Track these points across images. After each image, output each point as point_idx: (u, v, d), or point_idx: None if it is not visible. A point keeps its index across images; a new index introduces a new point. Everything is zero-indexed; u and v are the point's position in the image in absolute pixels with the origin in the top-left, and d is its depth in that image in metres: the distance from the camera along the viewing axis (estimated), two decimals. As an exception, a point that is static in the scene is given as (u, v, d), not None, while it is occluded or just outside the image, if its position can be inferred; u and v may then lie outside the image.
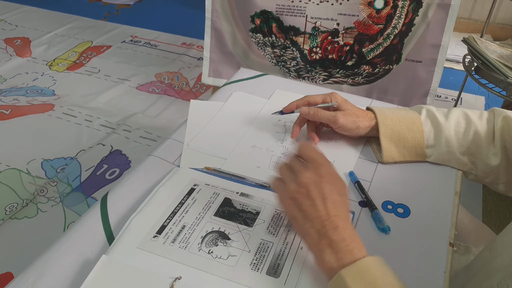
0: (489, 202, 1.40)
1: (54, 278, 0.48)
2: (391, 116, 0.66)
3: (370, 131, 0.67)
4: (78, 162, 1.53)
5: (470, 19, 2.47)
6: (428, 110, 0.66)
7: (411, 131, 0.64)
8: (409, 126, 0.64)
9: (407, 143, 0.64)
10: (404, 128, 0.64)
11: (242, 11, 1.35)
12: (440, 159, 0.65)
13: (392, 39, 1.27)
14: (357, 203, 0.59)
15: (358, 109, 0.67)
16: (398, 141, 0.65)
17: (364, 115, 0.66)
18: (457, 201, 0.60)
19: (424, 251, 0.53)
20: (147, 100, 1.91)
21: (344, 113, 0.65)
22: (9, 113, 1.78)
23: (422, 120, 0.65)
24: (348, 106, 0.67)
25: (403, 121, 0.65)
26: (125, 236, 0.52)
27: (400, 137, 0.64)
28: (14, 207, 1.34)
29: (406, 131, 0.64)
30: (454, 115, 0.65)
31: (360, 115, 0.66)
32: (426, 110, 0.66)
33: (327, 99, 0.67)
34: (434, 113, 0.65)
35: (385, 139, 0.65)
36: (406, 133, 0.64)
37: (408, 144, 0.64)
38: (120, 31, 2.54)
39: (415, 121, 0.65)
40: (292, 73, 1.40)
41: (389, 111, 0.67)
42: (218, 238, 0.53)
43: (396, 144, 0.65)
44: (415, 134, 0.64)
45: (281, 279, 0.48)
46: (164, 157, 0.67)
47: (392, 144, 0.65)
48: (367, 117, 0.66)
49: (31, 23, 2.60)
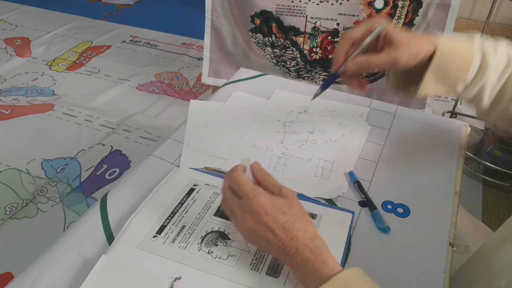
0: (489, 202, 1.40)
1: (54, 278, 0.48)
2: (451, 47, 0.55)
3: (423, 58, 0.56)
4: (78, 162, 1.53)
5: (470, 19, 2.47)
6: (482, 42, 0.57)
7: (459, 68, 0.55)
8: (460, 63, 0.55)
9: (448, 77, 0.56)
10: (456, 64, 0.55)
11: (242, 11, 1.35)
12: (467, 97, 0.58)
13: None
14: (357, 203, 0.59)
15: (412, 34, 0.55)
16: (441, 73, 0.55)
17: (423, 43, 0.55)
18: (457, 201, 0.60)
19: (424, 251, 0.53)
20: (147, 100, 1.91)
21: (403, 48, 0.53)
22: (9, 113, 1.78)
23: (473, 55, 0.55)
24: (400, 34, 0.54)
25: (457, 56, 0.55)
26: (125, 236, 0.52)
27: (446, 68, 0.55)
28: (14, 207, 1.34)
29: (456, 66, 0.55)
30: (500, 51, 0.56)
31: (419, 42, 0.54)
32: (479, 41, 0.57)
33: (373, 27, 0.54)
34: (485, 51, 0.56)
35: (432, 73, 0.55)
36: (454, 68, 0.55)
37: (448, 78, 0.56)
38: (120, 31, 2.53)
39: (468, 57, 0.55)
40: (292, 73, 1.40)
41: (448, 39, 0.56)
42: (218, 238, 0.53)
43: (437, 77, 0.56)
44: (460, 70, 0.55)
45: (281, 279, 0.48)
46: (164, 157, 0.67)
47: (433, 77, 0.56)
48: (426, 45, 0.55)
49: (31, 23, 2.60)
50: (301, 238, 0.44)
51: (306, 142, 0.70)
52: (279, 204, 0.46)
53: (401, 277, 0.47)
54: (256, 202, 0.45)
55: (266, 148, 0.69)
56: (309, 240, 0.44)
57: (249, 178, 0.48)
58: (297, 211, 0.46)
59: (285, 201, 0.46)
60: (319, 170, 0.65)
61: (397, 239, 0.54)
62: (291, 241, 0.44)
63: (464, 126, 0.75)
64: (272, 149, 0.69)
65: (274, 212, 0.45)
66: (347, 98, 0.83)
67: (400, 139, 0.72)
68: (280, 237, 0.44)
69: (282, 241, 0.44)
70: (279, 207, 0.45)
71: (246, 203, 0.46)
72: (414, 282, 0.48)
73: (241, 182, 0.47)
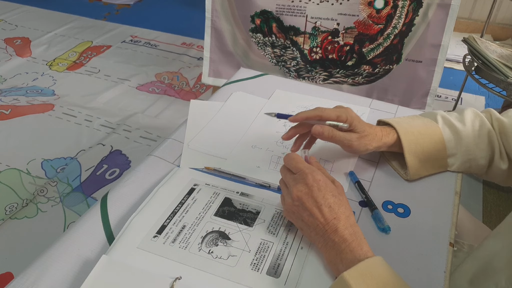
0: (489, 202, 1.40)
1: (54, 278, 0.48)
2: (411, 129, 0.62)
3: (389, 148, 0.63)
4: (78, 162, 1.53)
5: (470, 19, 2.47)
6: (444, 117, 0.63)
7: (433, 142, 0.61)
8: (431, 138, 0.61)
9: (431, 156, 0.62)
10: (426, 141, 0.61)
11: (242, 11, 1.35)
12: (462, 167, 0.63)
13: (392, 39, 1.27)
14: (357, 203, 0.59)
15: (372, 129, 0.62)
16: (422, 155, 0.61)
17: (379, 135, 0.62)
18: (457, 201, 0.60)
19: (424, 251, 0.53)
20: (147, 100, 1.91)
21: (360, 137, 0.60)
22: (9, 113, 1.78)
23: (440, 129, 0.62)
24: (362, 127, 0.61)
25: (424, 133, 0.61)
26: (125, 236, 0.52)
27: (424, 151, 0.61)
28: (14, 207, 1.34)
29: (429, 144, 0.61)
30: (468, 118, 0.63)
31: (375, 137, 0.61)
32: (441, 117, 0.63)
33: (342, 117, 0.60)
34: (450, 120, 0.63)
35: (410, 155, 0.61)
36: (429, 146, 0.61)
37: (431, 157, 0.62)
38: (120, 31, 2.53)
39: (436, 131, 0.62)
40: (292, 73, 1.40)
41: (407, 124, 0.63)
42: (218, 238, 0.53)
43: (420, 159, 0.61)
44: (437, 145, 0.61)
45: (281, 279, 0.48)
46: (164, 157, 0.67)
47: (417, 160, 0.61)
48: (383, 135, 0.62)
49: (31, 23, 2.60)
50: (342, 220, 0.48)
51: (306, 142, 0.70)
52: (331, 187, 0.50)
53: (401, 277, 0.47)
54: (312, 176, 0.50)
55: (266, 148, 0.69)
56: (349, 225, 0.48)
57: None
58: (345, 200, 0.51)
59: (336, 188, 0.51)
60: (319, 170, 0.65)
61: (397, 239, 0.54)
62: (334, 220, 0.47)
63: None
64: (272, 149, 0.69)
65: (326, 191, 0.49)
66: (347, 98, 0.83)
67: (400, 139, 0.72)
68: (325, 214, 0.48)
69: (325, 218, 0.48)
70: (331, 189, 0.50)
71: (302, 176, 0.50)
72: (414, 282, 0.48)
73: (298, 161, 0.52)
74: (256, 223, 0.55)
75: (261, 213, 0.56)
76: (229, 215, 0.56)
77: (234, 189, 0.60)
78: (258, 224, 0.55)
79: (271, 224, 0.55)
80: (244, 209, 0.57)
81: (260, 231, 0.54)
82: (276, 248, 0.51)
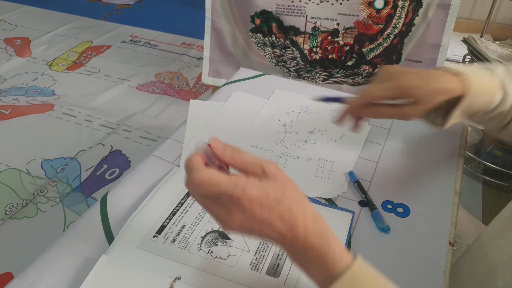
0: (489, 202, 1.40)
1: (54, 278, 0.48)
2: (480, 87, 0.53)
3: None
4: (78, 162, 1.53)
5: (470, 19, 2.47)
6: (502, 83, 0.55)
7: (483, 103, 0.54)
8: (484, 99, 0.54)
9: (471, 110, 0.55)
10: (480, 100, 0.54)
11: (242, 11, 1.35)
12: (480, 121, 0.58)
13: (392, 39, 1.27)
14: (357, 203, 0.59)
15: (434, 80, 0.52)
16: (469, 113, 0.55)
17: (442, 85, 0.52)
18: (457, 201, 0.60)
19: (424, 251, 0.52)
20: (147, 100, 1.91)
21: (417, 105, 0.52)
22: (9, 113, 1.78)
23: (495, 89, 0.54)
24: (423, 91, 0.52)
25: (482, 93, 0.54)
26: (125, 236, 0.52)
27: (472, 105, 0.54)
28: (14, 207, 1.34)
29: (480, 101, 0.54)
30: None
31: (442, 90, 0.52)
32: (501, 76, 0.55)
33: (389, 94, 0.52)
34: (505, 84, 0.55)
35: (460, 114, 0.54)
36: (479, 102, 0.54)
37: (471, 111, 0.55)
38: (120, 31, 2.53)
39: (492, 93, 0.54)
40: (292, 73, 1.40)
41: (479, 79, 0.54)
42: (218, 238, 0.53)
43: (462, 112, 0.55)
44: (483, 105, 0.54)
45: (281, 279, 0.48)
46: (164, 157, 0.67)
47: (463, 117, 0.55)
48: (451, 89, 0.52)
49: (31, 23, 2.60)
50: (301, 223, 0.37)
51: (306, 142, 0.70)
52: (272, 192, 0.37)
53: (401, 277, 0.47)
54: (247, 199, 0.36)
55: (266, 148, 0.69)
56: (311, 223, 0.38)
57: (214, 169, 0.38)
58: (291, 192, 0.39)
59: (276, 185, 0.38)
60: (319, 170, 0.65)
61: (397, 239, 0.54)
62: (290, 231, 0.37)
63: (464, 126, 0.75)
64: (272, 149, 0.69)
65: (269, 203, 0.37)
66: (347, 98, 0.83)
67: (400, 139, 0.72)
68: (278, 229, 0.37)
69: (280, 233, 0.37)
70: (273, 195, 0.37)
71: (230, 201, 0.37)
72: (414, 282, 0.48)
73: (212, 184, 0.37)
74: (256, 223, 0.55)
75: (261, 213, 0.56)
76: (229, 215, 0.56)
77: (234, 189, 0.60)
78: (257, 224, 0.55)
79: (270, 224, 0.55)
80: (243, 209, 0.57)
81: (259, 231, 0.54)
82: (276, 248, 0.51)
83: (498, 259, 0.53)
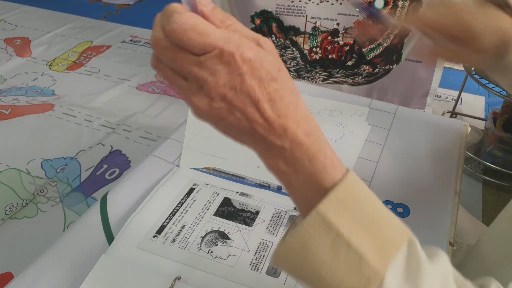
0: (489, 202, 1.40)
1: (54, 278, 0.48)
2: None
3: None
4: (78, 162, 1.53)
5: (470, 19, 2.46)
6: None
7: None
8: None
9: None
10: None
11: (242, 11, 1.35)
12: None
13: (392, 39, 1.27)
14: (357, 203, 0.59)
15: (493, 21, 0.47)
16: None
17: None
18: (457, 201, 0.60)
19: (424, 251, 0.52)
20: (147, 100, 1.91)
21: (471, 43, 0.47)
22: (9, 113, 1.78)
23: None
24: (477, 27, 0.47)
25: None
26: (125, 236, 0.52)
27: None
28: (14, 207, 1.34)
29: None
30: None
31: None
32: None
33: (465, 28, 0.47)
34: None
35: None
36: None
37: None
38: (120, 31, 2.53)
39: None
40: (292, 73, 1.40)
41: None
42: (218, 238, 0.53)
43: None
44: None
45: (281, 279, 0.48)
46: (164, 157, 0.67)
47: None
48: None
49: (31, 23, 2.60)
50: (291, 115, 0.31)
51: (306, 142, 0.70)
52: (267, 64, 0.30)
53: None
54: (239, 55, 0.28)
55: (266, 148, 0.69)
56: (302, 118, 0.31)
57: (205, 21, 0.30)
58: (286, 76, 0.32)
59: (273, 60, 0.31)
60: (319, 170, 0.65)
61: (397, 239, 0.54)
62: (279, 119, 0.30)
63: (464, 126, 0.75)
64: (272, 149, 0.69)
65: (262, 74, 0.29)
66: (347, 97, 0.83)
67: (400, 139, 0.72)
68: (265, 112, 0.30)
69: (266, 118, 0.30)
70: (268, 68, 0.30)
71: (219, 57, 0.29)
72: (414, 282, 0.48)
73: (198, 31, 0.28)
74: (256, 223, 0.55)
75: (261, 213, 0.56)
76: (229, 215, 0.56)
77: (234, 189, 0.60)
78: (257, 224, 0.55)
79: (270, 224, 0.55)
80: (243, 209, 0.57)
81: (259, 231, 0.54)
82: (276, 248, 0.51)
83: (498, 259, 0.53)
